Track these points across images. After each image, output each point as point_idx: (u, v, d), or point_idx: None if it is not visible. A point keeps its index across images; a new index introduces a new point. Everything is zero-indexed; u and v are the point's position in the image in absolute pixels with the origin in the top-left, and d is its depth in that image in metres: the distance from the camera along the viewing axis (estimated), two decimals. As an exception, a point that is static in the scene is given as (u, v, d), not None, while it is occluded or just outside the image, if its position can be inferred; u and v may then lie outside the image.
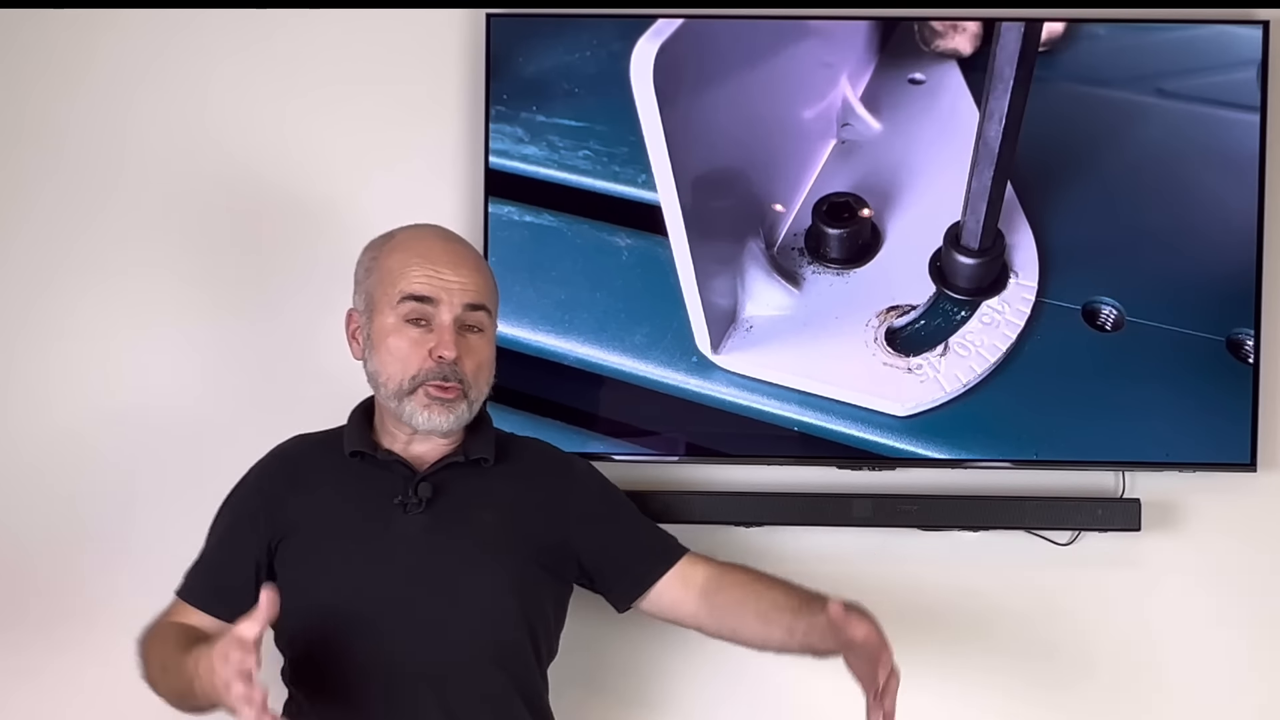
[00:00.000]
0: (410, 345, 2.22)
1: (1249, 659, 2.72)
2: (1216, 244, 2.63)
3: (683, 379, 2.66)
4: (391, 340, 2.22)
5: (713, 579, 2.37)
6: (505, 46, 2.66)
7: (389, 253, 2.27)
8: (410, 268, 2.23)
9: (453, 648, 2.21)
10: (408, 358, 2.22)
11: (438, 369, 2.21)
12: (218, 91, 2.76)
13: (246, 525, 2.28)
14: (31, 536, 2.76)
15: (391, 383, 2.22)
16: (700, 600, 2.36)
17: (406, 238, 2.29)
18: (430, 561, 2.22)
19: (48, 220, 2.77)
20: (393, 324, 2.23)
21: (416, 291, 2.22)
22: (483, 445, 2.30)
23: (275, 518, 2.26)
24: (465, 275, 2.24)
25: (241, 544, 2.27)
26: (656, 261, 2.65)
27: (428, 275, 2.22)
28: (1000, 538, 2.69)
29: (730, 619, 2.35)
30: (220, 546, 2.31)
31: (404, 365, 2.22)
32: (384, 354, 2.23)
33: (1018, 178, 2.63)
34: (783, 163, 2.66)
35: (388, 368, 2.23)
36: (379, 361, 2.24)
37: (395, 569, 2.21)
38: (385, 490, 2.25)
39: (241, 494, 2.32)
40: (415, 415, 2.22)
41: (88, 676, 2.74)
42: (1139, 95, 2.63)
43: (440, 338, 2.21)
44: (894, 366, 2.64)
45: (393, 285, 2.23)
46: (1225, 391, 2.62)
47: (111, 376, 2.76)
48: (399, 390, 2.22)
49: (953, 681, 2.71)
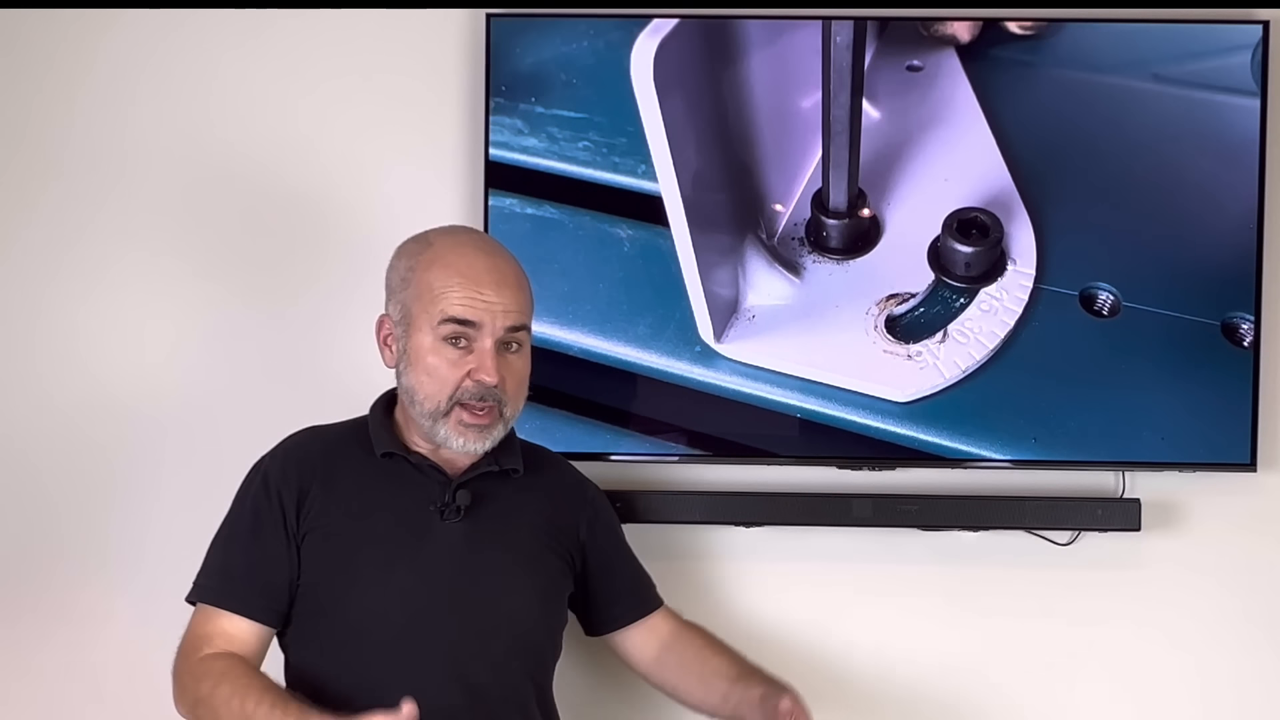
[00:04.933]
0: (449, 366, 2.19)
1: (1249, 659, 2.72)
2: (1213, 229, 2.64)
3: (686, 368, 2.67)
4: (430, 360, 2.19)
5: (673, 635, 2.44)
6: (504, 39, 2.66)
7: (428, 265, 2.21)
8: (451, 288, 2.18)
9: (491, 657, 2.21)
10: (446, 378, 2.19)
11: (476, 390, 2.19)
12: (219, 90, 2.76)
13: (277, 520, 2.20)
14: (33, 533, 2.76)
15: (429, 402, 2.20)
16: (658, 652, 2.42)
17: (445, 249, 2.23)
18: (471, 571, 2.21)
19: (51, 219, 2.76)
20: (431, 344, 2.19)
21: (459, 315, 2.18)
22: (512, 456, 2.29)
23: (302, 513, 2.20)
24: (507, 295, 2.20)
25: (274, 540, 2.20)
26: (658, 252, 2.65)
27: (470, 297, 2.18)
28: (1000, 538, 2.70)
29: (673, 676, 2.42)
30: (254, 545, 2.21)
31: (442, 385, 2.19)
32: (421, 373, 2.20)
33: (1014, 165, 2.64)
34: (781, 152, 2.66)
35: (425, 387, 2.20)
36: (415, 379, 2.21)
37: (437, 577, 2.19)
38: (420, 495, 2.23)
39: (262, 488, 2.23)
40: (450, 439, 2.20)
41: (80, 669, 2.75)
42: (1135, 81, 2.64)
43: (481, 362, 2.18)
44: (894, 354, 2.65)
45: (433, 304, 2.19)
46: (1222, 376, 2.63)
47: (116, 373, 2.76)
48: (435, 411, 2.19)
49: (953, 682, 2.73)
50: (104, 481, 2.75)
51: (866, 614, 2.74)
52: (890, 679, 2.73)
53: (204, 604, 2.21)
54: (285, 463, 2.25)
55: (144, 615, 2.66)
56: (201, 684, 2.11)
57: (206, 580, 2.23)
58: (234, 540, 2.24)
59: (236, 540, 2.23)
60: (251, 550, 2.21)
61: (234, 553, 2.23)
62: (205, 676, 2.11)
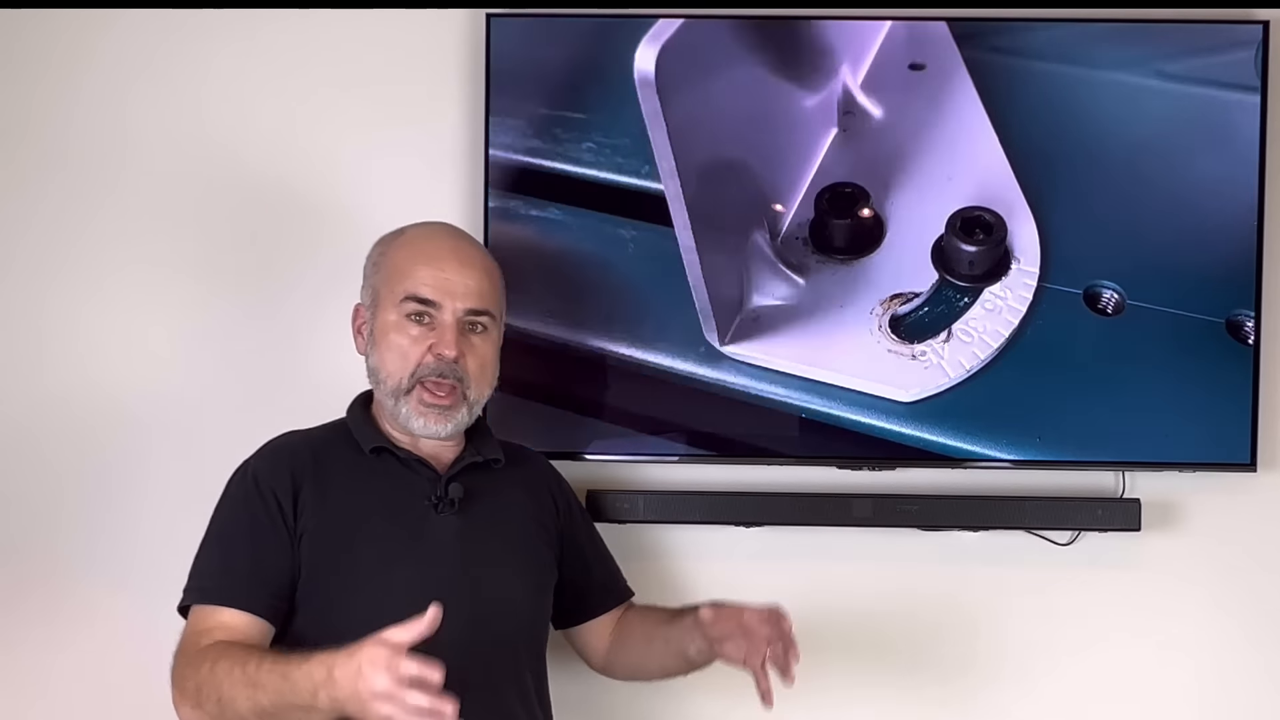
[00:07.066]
0: (411, 342, 2.22)
1: (1250, 658, 2.73)
2: (1217, 226, 2.64)
3: (692, 369, 2.66)
4: (393, 336, 2.22)
5: (617, 618, 2.45)
6: (506, 39, 2.65)
7: (397, 249, 2.27)
8: (417, 266, 2.23)
9: (493, 648, 2.21)
10: (408, 354, 2.21)
11: (436, 365, 2.20)
12: (218, 90, 2.75)
13: (274, 517, 2.17)
14: (28, 530, 2.75)
15: (391, 379, 2.22)
16: (610, 639, 2.44)
17: (415, 235, 2.29)
18: (469, 564, 2.22)
19: (49, 219, 2.75)
20: (394, 320, 2.22)
21: (420, 293, 2.21)
22: (491, 446, 2.32)
23: (297, 511, 2.18)
24: (471, 277, 2.24)
25: (274, 536, 2.16)
26: (662, 252, 2.65)
27: (432, 275, 2.22)
28: (1000, 538, 2.70)
29: (625, 654, 2.43)
30: (253, 542, 2.17)
31: (404, 361, 2.21)
32: (385, 350, 2.23)
33: (1017, 163, 2.63)
34: (784, 153, 2.66)
35: (388, 364, 2.22)
36: (379, 357, 2.24)
37: (437, 572, 2.19)
38: (411, 490, 2.24)
39: (254, 487, 2.20)
40: (411, 420, 2.22)
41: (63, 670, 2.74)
42: (1138, 78, 2.64)
43: (441, 336, 2.21)
44: (899, 353, 2.65)
45: (398, 283, 2.23)
46: (1222, 376, 2.63)
47: (111, 372, 2.75)
48: (397, 388, 2.21)
49: (953, 681, 2.73)
50: (104, 481, 2.74)
51: (866, 614, 2.73)
52: (890, 679, 2.74)
53: (202, 605, 2.16)
54: (274, 462, 2.23)
55: (143, 615, 2.65)
56: (200, 669, 2.04)
57: (202, 582, 2.17)
58: (230, 540, 2.19)
59: (233, 540, 2.19)
60: (251, 548, 2.17)
61: (232, 552, 2.18)
62: (203, 661, 2.04)
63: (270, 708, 1.96)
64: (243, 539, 2.18)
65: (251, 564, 2.16)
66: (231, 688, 1.99)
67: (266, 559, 2.16)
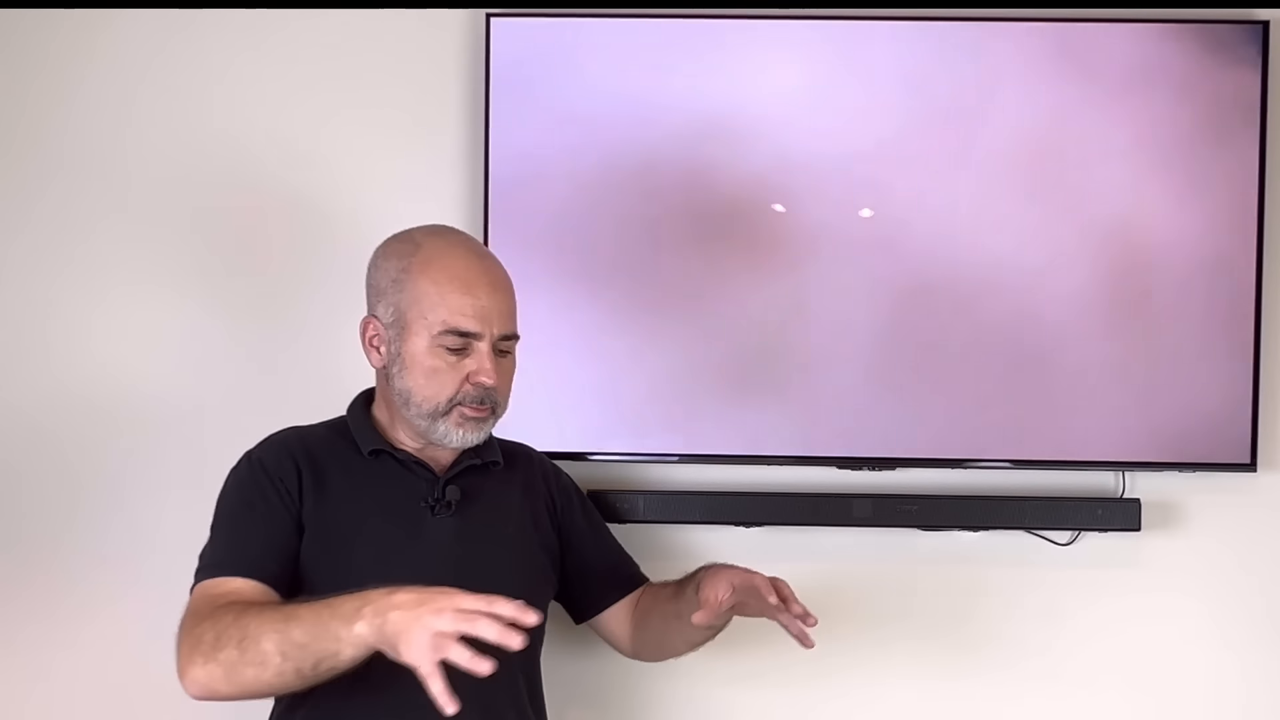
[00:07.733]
0: (449, 369, 2.21)
1: (1250, 658, 2.73)
2: (1218, 225, 2.64)
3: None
4: (429, 364, 2.21)
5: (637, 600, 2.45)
6: (506, 41, 2.65)
7: (422, 269, 2.22)
8: (451, 294, 2.20)
9: (484, 651, 2.19)
10: (445, 382, 2.21)
11: (476, 393, 2.21)
12: (218, 90, 2.75)
13: (283, 497, 2.19)
14: (35, 526, 2.76)
15: (427, 404, 2.21)
16: (633, 622, 2.44)
17: (438, 253, 2.23)
18: (465, 566, 2.20)
19: (49, 220, 2.76)
20: (428, 348, 2.21)
21: (461, 326, 2.19)
22: (490, 449, 2.32)
23: (300, 499, 2.19)
24: (503, 301, 2.23)
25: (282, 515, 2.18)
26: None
27: (471, 305, 2.20)
28: (1000, 538, 2.71)
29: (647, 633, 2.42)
30: (262, 520, 2.18)
31: (441, 389, 2.21)
32: (418, 376, 2.21)
33: (996, 180, 2.63)
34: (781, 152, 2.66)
35: (423, 390, 2.21)
36: (412, 382, 2.22)
37: (432, 573, 2.13)
38: (409, 492, 2.24)
39: (262, 472, 2.21)
40: (450, 434, 2.22)
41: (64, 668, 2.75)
42: (1139, 76, 2.63)
43: (480, 365, 2.20)
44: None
45: (431, 311, 2.20)
46: (1222, 376, 2.63)
47: (112, 374, 2.75)
48: (434, 412, 2.21)
49: (953, 681, 2.73)
50: (109, 479, 2.75)
51: (867, 614, 2.74)
52: (890, 678, 2.74)
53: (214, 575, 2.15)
54: (278, 452, 2.24)
55: (149, 612, 2.62)
56: (221, 619, 2.02)
57: (214, 559, 2.17)
58: (237, 520, 2.20)
59: (240, 519, 2.20)
60: (259, 524, 2.18)
61: (240, 529, 2.19)
62: (225, 613, 2.03)
63: (301, 639, 1.95)
64: (250, 517, 2.19)
65: (261, 539, 2.17)
66: (259, 626, 1.98)
67: (275, 535, 2.17)
